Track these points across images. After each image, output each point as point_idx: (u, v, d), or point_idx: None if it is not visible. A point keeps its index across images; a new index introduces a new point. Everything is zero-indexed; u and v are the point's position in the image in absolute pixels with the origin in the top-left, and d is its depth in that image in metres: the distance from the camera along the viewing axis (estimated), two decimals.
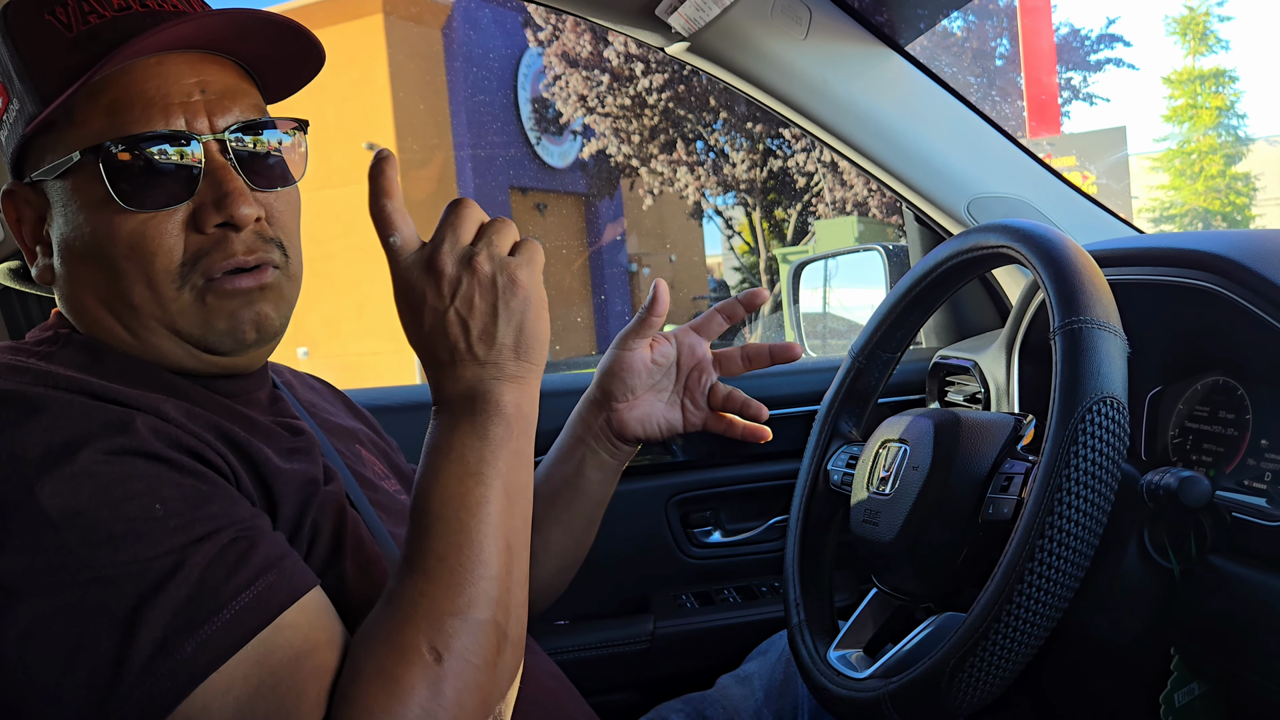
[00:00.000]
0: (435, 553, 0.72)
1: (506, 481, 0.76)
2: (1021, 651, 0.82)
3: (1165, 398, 1.18)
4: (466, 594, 0.71)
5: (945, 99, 1.44)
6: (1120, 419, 0.82)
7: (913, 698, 0.88)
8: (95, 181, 0.78)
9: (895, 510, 1.00)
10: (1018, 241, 0.95)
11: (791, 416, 1.57)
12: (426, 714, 0.67)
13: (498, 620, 0.72)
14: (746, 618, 1.51)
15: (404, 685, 0.67)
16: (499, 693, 0.72)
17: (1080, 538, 0.80)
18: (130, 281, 0.80)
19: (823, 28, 1.34)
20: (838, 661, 1.05)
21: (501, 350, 0.77)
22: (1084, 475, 0.80)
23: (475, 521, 0.73)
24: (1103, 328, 0.85)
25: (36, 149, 0.82)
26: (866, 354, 1.18)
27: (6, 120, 0.82)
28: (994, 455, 0.97)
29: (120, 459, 0.69)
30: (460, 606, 0.71)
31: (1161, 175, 19.41)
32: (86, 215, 0.79)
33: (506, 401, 0.77)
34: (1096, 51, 17.67)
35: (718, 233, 18.59)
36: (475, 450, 0.75)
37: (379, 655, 0.68)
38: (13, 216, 0.84)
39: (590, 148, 16.21)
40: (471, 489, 0.74)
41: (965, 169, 1.45)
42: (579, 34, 15.01)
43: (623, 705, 1.40)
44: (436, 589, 0.71)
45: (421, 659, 0.68)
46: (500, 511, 0.75)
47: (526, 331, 0.77)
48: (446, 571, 0.72)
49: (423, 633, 0.69)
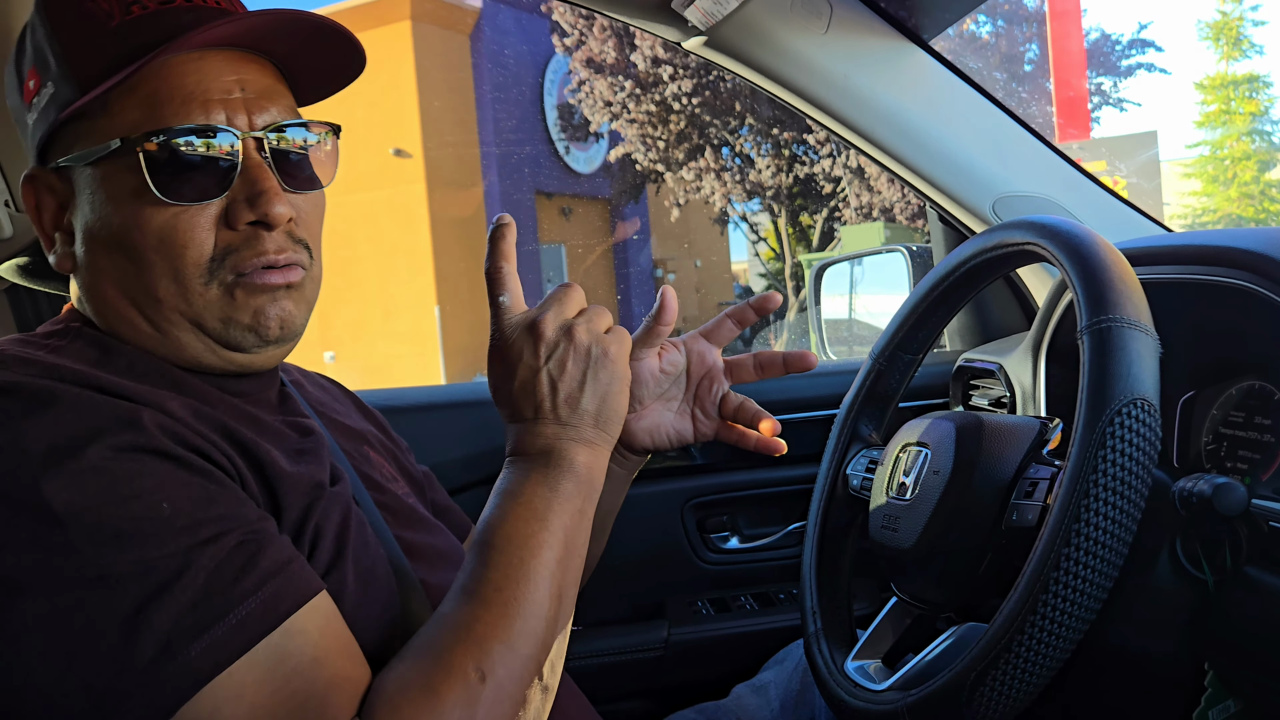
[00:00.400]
0: (493, 583, 0.75)
1: (568, 534, 0.79)
2: (1046, 665, 0.78)
3: (1198, 403, 1.14)
4: (516, 626, 0.74)
5: (971, 95, 1.41)
6: (1151, 422, 0.79)
7: (932, 711, 0.84)
8: (129, 171, 0.77)
9: (915, 516, 0.96)
10: (1044, 238, 0.92)
11: (811, 420, 1.54)
12: None
13: (538, 659, 0.75)
14: (763, 626, 1.48)
15: (446, 701, 0.69)
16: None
17: (1109, 546, 0.76)
18: (156, 274, 0.79)
19: (844, 22, 1.31)
20: (855, 672, 1.01)
21: (583, 415, 0.82)
22: (1113, 481, 0.77)
23: (535, 562, 0.77)
24: (1133, 326, 0.82)
25: (67, 135, 0.81)
26: (887, 355, 1.15)
27: (37, 104, 0.81)
28: (1018, 460, 0.93)
29: (128, 456, 0.68)
30: (509, 637, 0.73)
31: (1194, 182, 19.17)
32: (116, 205, 0.79)
33: (580, 462, 0.82)
34: (1128, 56, 17.50)
35: (743, 239, 18.55)
36: (544, 499, 0.80)
37: (426, 669, 0.71)
38: (32, 202, 0.83)
39: (616, 152, 16.22)
40: (535, 532, 0.78)
41: (991, 167, 1.41)
42: (604, 39, 15.03)
43: (635, 713, 1.38)
44: (490, 616, 0.74)
45: (466, 678, 0.70)
46: (558, 559, 0.78)
47: (609, 403, 0.83)
48: (501, 602, 0.74)
49: (471, 655, 0.71)
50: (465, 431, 1.47)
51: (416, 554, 0.93)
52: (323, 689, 0.67)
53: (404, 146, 14.87)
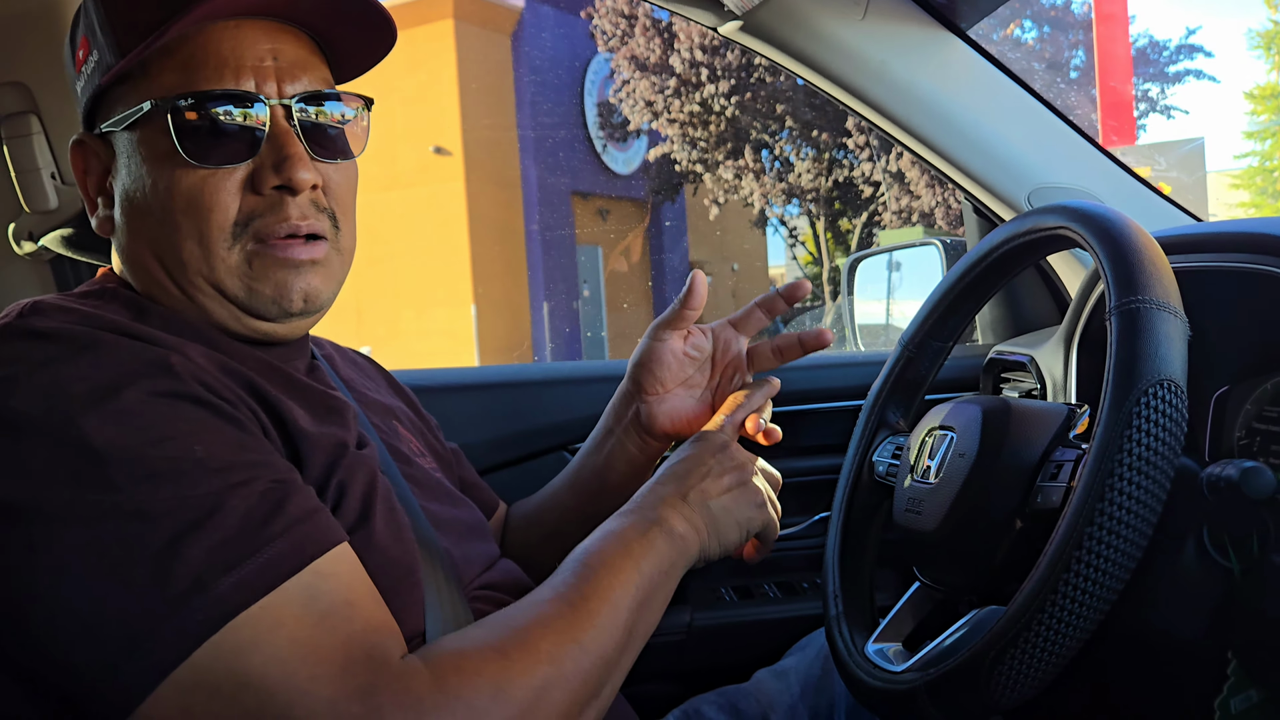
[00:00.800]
0: (581, 592, 0.80)
1: (652, 582, 0.85)
2: (1066, 645, 0.78)
3: (1233, 397, 1.12)
4: (590, 634, 0.77)
5: (1008, 85, 1.40)
6: (1179, 403, 0.78)
7: (951, 690, 0.84)
8: (162, 134, 0.80)
9: (939, 498, 0.96)
10: (1075, 221, 0.91)
11: (839, 410, 1.54)
12: (519, 702, 0.70)
13: (600, 676, 0.77)
14: (786, 613, 1.48)
15: (515, 667, 0.72)
16: None
17: (1133, 526, 0.76)
18: (182, 235, 0.81)
19: (882, 9, 1.31)
20: (875, 655, 1.01)
21: (706, 509, 0.94)
22: (1138, 461, 0.76)
23: (619, 590, 0.82)
24: (1162, 308, 0.81)
25: (109, 101, 0.84)
26: (917, 343, 1.15)
27: (85, 71, 0.84)
28: (1045, 443, 0.92)
29: (164, 400, 0.70)
30: (583, 639, 0.77)
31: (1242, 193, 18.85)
32: (150, 167, 0.81)
33: (679, 531, 0.90)
34: (1175, 63, 17.25)
35: (781, 242, 18.48)
36: (640, 545, 0.87)
37: (502, 635, 0.74)
38: (80, 167, 0.86)
39: (654, 152, 16.22)
40: (625, 568, 0.84)
41: (1027, 158, 1.40)
42: (649, 38, 15.04)
43: (657, 696, 1.37)
44: (573, 614, 0.78)
45: (537, 654, 0.73)
46: (637, 598, 0.83)
47: (730, 516, 0.96)
48: (586, 610, 0.79)
49: (547, 638, 0.75)
50: (495, 414, 1.48)
51: (442, 526, 0.94)
52: (363, 628, 0.69)
53: (444, 144, 14.98)
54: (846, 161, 15.61)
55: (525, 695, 0.71)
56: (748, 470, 0.99)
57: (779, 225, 17.57)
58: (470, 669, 0.70)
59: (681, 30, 14.69)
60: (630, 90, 15.55)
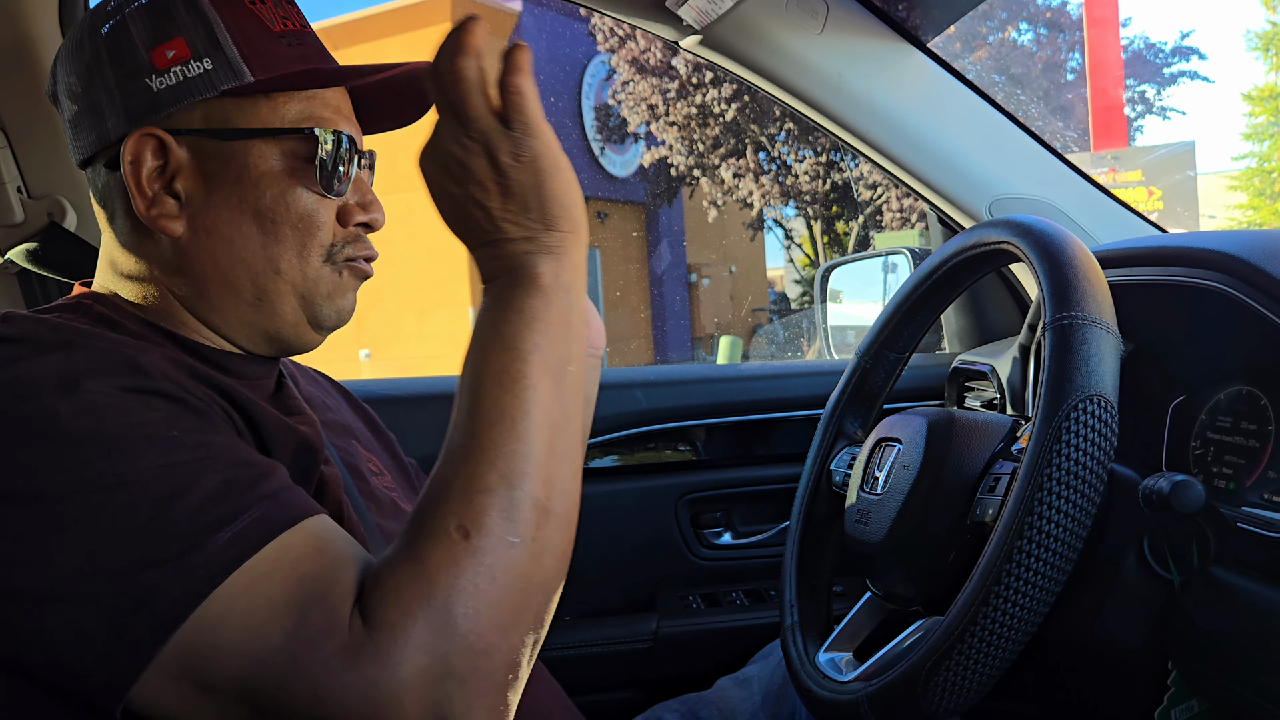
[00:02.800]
0: (470, 431, 0.72)
1: (545, 355, 0.74)
2: (1000, 656, 0.79)
3: (1188, 407, 1.13)
4: (498, 469, 0.70)
5: (968, 97, 1.41)
6: (1108, 418, 0.79)
7: (889, 701, 0.85)
8: (287, 155, 0.86)
9: (885, 510, 0.97)
10: (1016, 236, 0.92)
11: (805, 419, 1.55)
12: (454, 590, 0.66)
13: (536, 496, 0.71)
14: (752, 621, 1.49)
15: (429, 564, 0.66)
16: (543, 570, 0.71)
17: (1061, 539, 0.77)
18: (285, 247, 0.87)
19: (840, 22, 1.32)
20: (826, 664, 1.02)
21: (528, 219, 0.76)
22: (1066, 475, 0.77)
23: (509, 397, 0.72)
24: (1094, 324, 0.82)
25: (204, 108, 0.86)
26: (873, 354, 1.16)
27: (176, 71, 0.85)
28: (987, 456, 0.94)
29: (135, 395, 0.71)
30: (491, 483, 0.69)
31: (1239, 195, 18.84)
32: (268, 182, 0.86)
33: (542, 273, 0.76)
34: (1171, 65, 17.25)
35: (779, 245, 18.49)
36: (512, 325, 0.75)
37: (409, 538, 0.68)
38: (129, 158, 0.85)
39: (651, 156, 16.23)
40: (508, 364, 0.73)
41: (987, 169, 1.41)
42: (650, 41, 15.05)
43: (621, 704, 1.39)
44: (468, 468, 0.70)
45: (449, 538, 0.67)
46: (539, 386, 0.73)
47: (547, 195, 0.76)
48: (478, 449, 0.71)
49: (451, 512, 0.68)
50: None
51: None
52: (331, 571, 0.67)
53: None
54: (844, 164, 15.62)
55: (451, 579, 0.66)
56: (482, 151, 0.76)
57: (776, 227, 17.58)
58: (390, 590, 0.66)
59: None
60: (630, 92, 15.56)
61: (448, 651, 0.65)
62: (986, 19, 16.19)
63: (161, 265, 0.87)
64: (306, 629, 0.64)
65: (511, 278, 0.76)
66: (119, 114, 0.85)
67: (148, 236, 0.87)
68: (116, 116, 0.85)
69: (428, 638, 0.64)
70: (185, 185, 0.86)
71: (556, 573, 0.72)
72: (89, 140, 0.87)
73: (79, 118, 0.87)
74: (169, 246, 0.87)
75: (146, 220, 0.85)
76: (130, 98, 0.85)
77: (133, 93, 0.85)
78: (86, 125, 0.87)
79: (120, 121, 0.85)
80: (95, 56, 0.86)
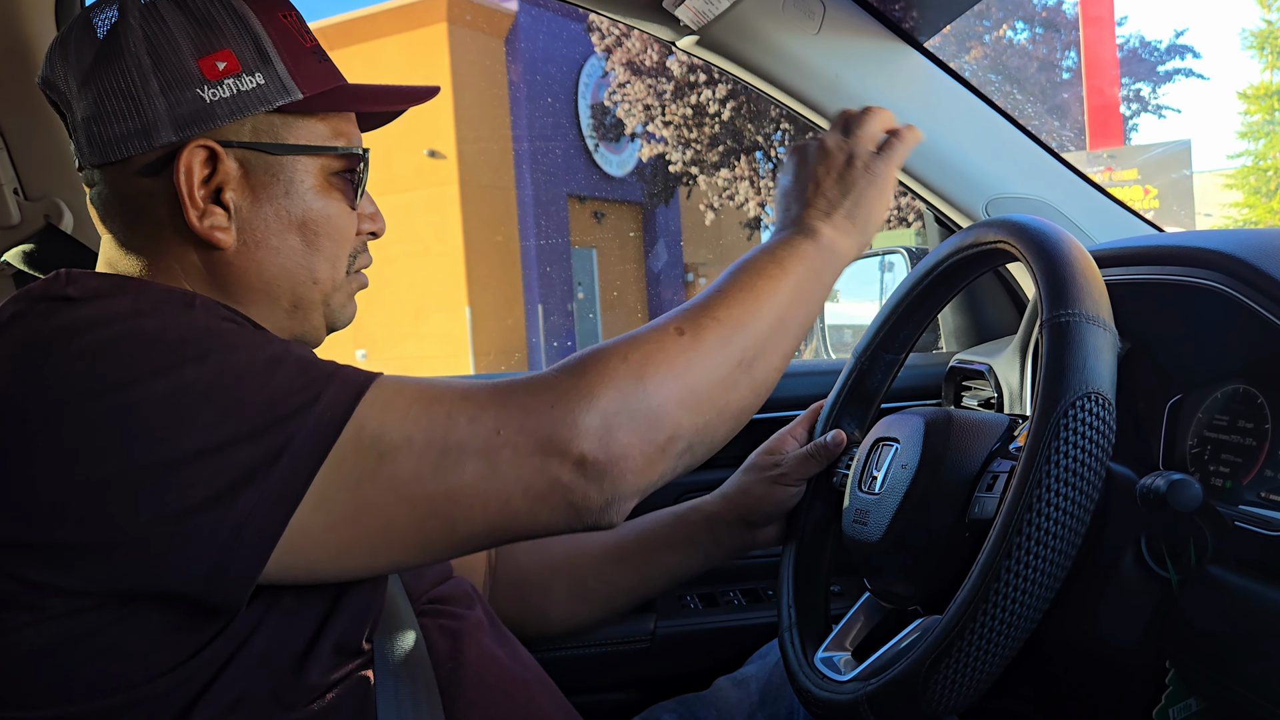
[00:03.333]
0: (720, 288, 0.87)
1: (799, 281, 0.90)
2: (1000, 653, 0.79)
3: (1185, 406, 1.13)
4: (733, 314, 0.85)
5: (965, 97, 1.41)
6: (1106, 415, 0.79)
7: (889, 700, 0.85)
8: (328, 171, 0.90)
9: (883, 509, 0.97)
10: (1012, 235, 0.92)
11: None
12: (652, 359, 0.80)
13: (746, 348, 0.84)
14: (750, 621, 1.49)
15: (645, 345, 0.80)
16: (723, 401, 0.83)
17: (1061, 536, 0.77)
18: (323, 257, 0.91)
19: (836, 22, 1.32)
20: (823, 665, 1.02)
21: (838, 206, 0.97)
22: (1065, 472, 0.77)
23: (762, 282, 0.88)
24: (1092, 321, 0.82)
25: (254, 121, 0.87)
26: (869, 355, 1.16)
27: (229, 84, 0.85)
28: (985, 454, 0.94)
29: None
30: (721, 317, 0.84)
31: (1235, 193, 18.86)
32: (313, 196, 0.89)
33: (824, 232, 0.94)
34: (1166, 63, 17.28)
35: None
36: (784, 250, 0.92)
37: (635, 332, 0.82)
38: (182, 167, 0.84)
39: (648, 151, 16.21)
40: (768, 268, 0.90)
41: (984, 168, 1.41)
42: (647, 42, 15.05)
43: (619, 705, 1.39)
44: (707, 300, 0.86)
45: (668, 331, 0.82)
46: (784, 292, 0.88)
47: (862, 205, 0.97)
48: (720, 296, 0.86)
49: (677, 318, 0.84)
50: None
51: None
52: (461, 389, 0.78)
53: (438, 148, 15.00)
54: None
55: (659, 362, 0.79)
56: (849, 151, 0.99)
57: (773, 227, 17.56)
58: (601, 348, 0.80)
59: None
60: (625, 93, 15.56)
61: (630, 400, 0.77)
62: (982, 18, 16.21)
63: (195, 274, 0.87)
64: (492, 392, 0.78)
65: (800, 230, 0.94)
66: (164, 121, 0.83)
67: (185, 245, 0.86)
68: (161, 124, 0.83)
69: (620, 386, 0.77)
70: (234, 196, 0.86)
71: (733, 414, 0.85)
72: (120, 145, 0.84)
73: (103, 120, 0.84)
74: (211, 257, 0.87)
75: (200, 231, 0.85)
76: (178, 106, 0.83)
77: (181, 101, 0.83)
78: (117, 129, 0.83)
79: (166, 130, 0.83)
80: (131, 59, 0.83)
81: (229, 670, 0.75)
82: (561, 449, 0.75)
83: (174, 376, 0.71)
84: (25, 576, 0.70)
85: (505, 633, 1.04)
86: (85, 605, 0.71)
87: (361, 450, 0.73)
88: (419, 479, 0.74)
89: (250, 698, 0.76)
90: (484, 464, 0.75)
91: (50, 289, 0.78)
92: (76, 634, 0.71)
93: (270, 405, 0.72)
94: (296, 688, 0.79)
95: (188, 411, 0.70)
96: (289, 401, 0.72)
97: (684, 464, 0.82)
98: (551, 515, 0.77)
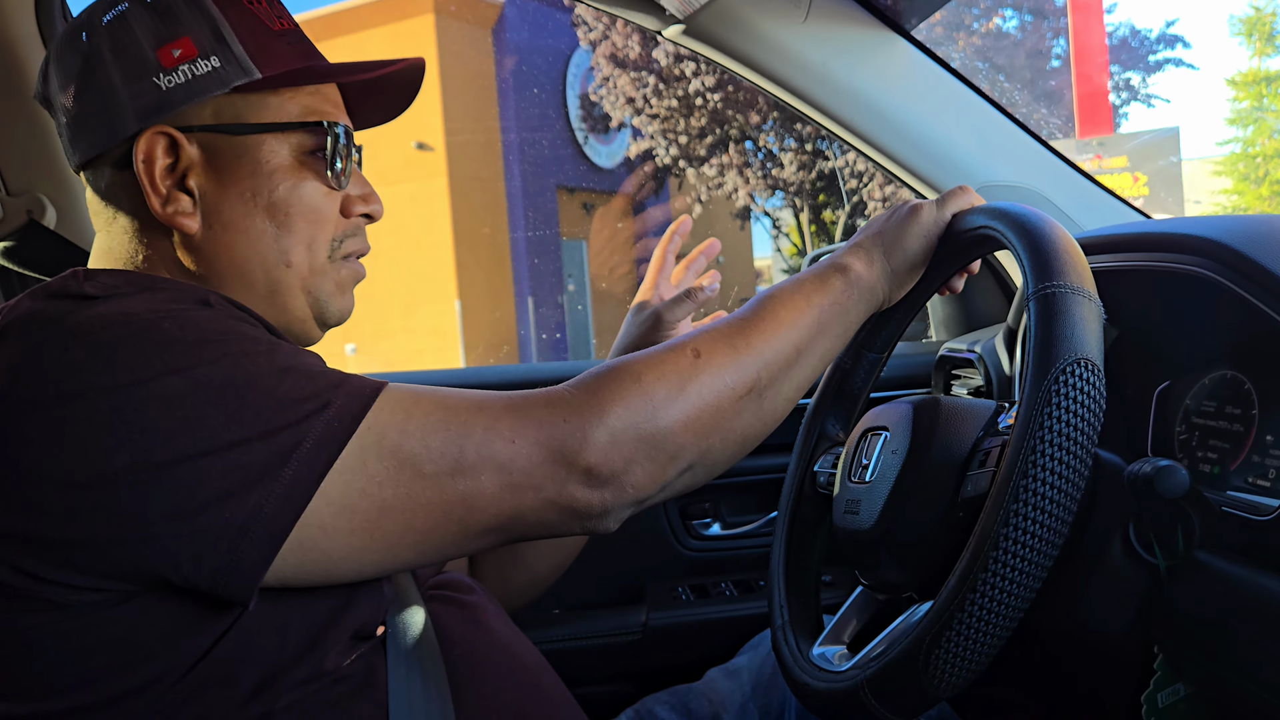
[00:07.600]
0: (743, 316, 0.90)
1: (822, 314, 0.93)
2: (999, 626, 0.78)
3: (1173, 392, 1.14)
4: (751, 342, 0.87)
5: (953, 85, 1.41)
6: (1096, 381, 0.79)
7: (890, 681, 0.84)
8: (297, 149, 0.89)
9: (874, 497, 0.97)
10: (994, 220, 0.93)
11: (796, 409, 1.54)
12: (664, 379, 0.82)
13: (759, 377, 0.87)
14: (741, 611, 1.49)
15: (664, 365, 0.83)
16: (730, 425, 0.86)
17: (1057, 501, 0.76)
18: (296, 240, 0.89)
19: (823, 11, 1.32)
20: (819, 659, 1.02)
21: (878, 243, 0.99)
22: (1059, 437, 0.77)
23: (785, 312, 0.91)
24: (1076, 292, 0.82)
25: (214, 105, 0.87)
26: (852, 354, 1.15)
27: (184, 70, 0.86)
28: (975, 435, 0.93)
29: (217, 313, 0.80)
30: (737, 345, 0.87)
31: (1224, 180, 18.91)
32: (280, 176, 0.88)
33: (855, 267, 0.96)
34: (1155, 51, 17.30)
35: (766, 234, 18.48)
36: (813, 285, 0.94)
37: (653, 350, 0.85)
38: (141, 156, 0.86)
39: (637, 147, 16.19)
40: (795, 300, 0.92)
41: (973, 157, 1.41)
42: (627, 34, 15.01)
43: (611, 696, 1.39)
44: (728, 327, 0.88)
45: (683, 353, 0.85)
46: (806, 325, 0.91)
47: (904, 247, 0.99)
48: (740, 327, 0.89)
49: (694, 340, 0.86)
50: None
51: None
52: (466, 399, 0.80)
53: (426, 140, 14.94)
54: (831, 153, 15.61)
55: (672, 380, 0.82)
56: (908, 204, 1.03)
57: (763, 217, 17.58)
58: (612, 365, 0.83)
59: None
60: (612, 86, 15.51)
61: (638, 419, 0.81)
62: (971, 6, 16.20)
63: (171, 262, 0.88)
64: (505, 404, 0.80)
65: (833, 265, 0.97)
66: (127, 113, 0.85)
67: (158, 234, 0.88)
68: (125, 116, 0.85)
69: (631, 404, 0.81)
70: (198, 181, 0.87)
71: (737, 440, 0.87)
72: (93, 141, 0.87)
73: (80, 120, 0.87)
74: (182, 243, 0.88)
75: (163, 218, 0.86)
76: (138, 97, 0.85)
77: (141, 92, 0.85)
78: (90, 126, 0.87)
79: (129, 121, 0.85)
80: (97, 57, 0.86)
81: (247, 658, 0.76)
82: (571, 459, 0.79)
83: (189, 375, 0.72)
84: (37, 570, 0.70)
85: (506, 617, 1.06)
86: (96, 599, 0.71)
87: (383, 456, 0.75)
88: (438, 484, 0.76)
89: (267, 684, 0.77)
90: (499, 471, 0.77)
91: (68, 286, 0.78)
92: (87, 626, 0.71)
93: (281, 409, 0.73)
94: (312, 673, 0.80)
95: (201, 410, 0.71)
96: (300, 407, 0.74)
97: (684, 483, 0.86)
98: (557, 519, 0.81)
